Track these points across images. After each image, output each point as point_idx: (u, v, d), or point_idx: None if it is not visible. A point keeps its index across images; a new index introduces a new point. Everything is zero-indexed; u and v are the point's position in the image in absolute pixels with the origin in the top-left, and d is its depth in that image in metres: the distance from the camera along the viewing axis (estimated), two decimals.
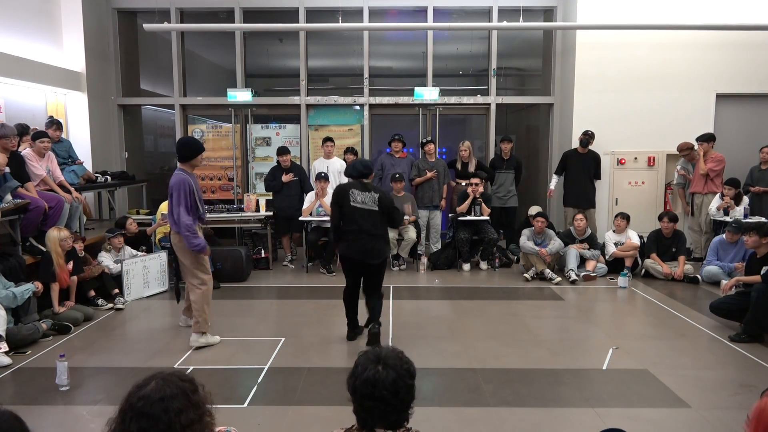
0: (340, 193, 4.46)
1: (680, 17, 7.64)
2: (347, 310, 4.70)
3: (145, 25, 7.75)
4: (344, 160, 7.84)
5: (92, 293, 5.58)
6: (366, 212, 4.38)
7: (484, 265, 7.25)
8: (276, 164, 7.63)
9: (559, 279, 6.55)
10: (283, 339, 4.65)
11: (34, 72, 6.81)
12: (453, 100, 8.66)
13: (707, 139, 7.27)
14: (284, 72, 9.72)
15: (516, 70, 10.19)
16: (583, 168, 7.61)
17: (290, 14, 8.49)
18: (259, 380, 3.86)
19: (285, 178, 7.28)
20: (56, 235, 5.13)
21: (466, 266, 7.17)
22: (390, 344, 4.52)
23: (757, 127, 8.07)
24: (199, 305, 4.47)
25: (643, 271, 6.81)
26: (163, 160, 10.14)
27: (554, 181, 7.86)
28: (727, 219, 6.77)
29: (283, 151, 7.42)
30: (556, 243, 6.73)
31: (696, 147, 7.35)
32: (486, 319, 5.22)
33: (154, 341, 4.67)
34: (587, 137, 7.56)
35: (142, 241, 6.59)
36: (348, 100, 8.73)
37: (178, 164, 4.44)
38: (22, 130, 5.88)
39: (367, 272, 4.54)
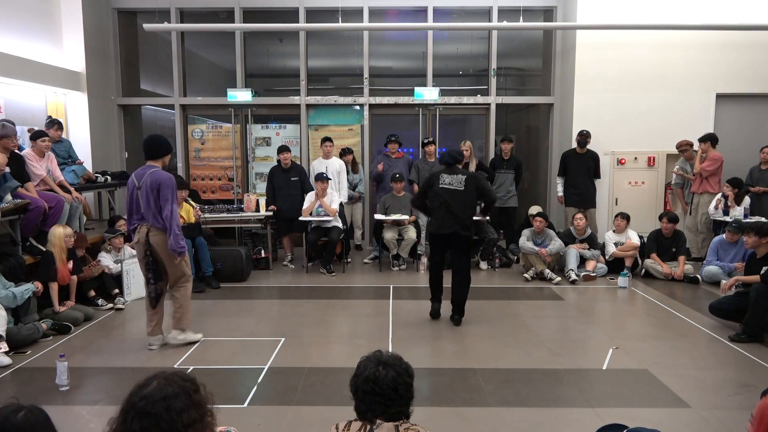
0: (432, 176, 5.13)
1: (680, 17, 7.64)
2: (432, 285, 5.21)
3: (145, 25, 7.75)
4: (343, 160, 7.84)
5: (92, 293, 5.58)
6: (452, 192, 4.98)
7: (484, 265, 7.25)
8: (276, 164, 7.63)
9: (559, 279, 6.55)
10: (283, 339, 4.65)
11: (34, 72, 6.81)
12: (453, 100, 8.67)
13: (705, 139, 7.29)
14: (284, 72, 9.72)
15: (516, 70, 10.20)
16: (582, 168, 7.61)
17: (290, 14, 8.49)
18: (259, 380, 3.86)
19: (270, 209, 7.29)
20: (61, 232, 5.14)
21: None
22: (390, 344, 4.55)
23: (757, 127, 8.07)
24: (187, 300, 4.52)
25: (643, 271, 6.81)
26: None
27: (560, 186, 7.84)
28: (727, 219, 6.78)
29: (283, 149, 7.43)
30: (556, 243, 6.73)
31: (697, 147, 7.36)
32: (486, 319, 5.22)
33: None
34: (584, 137, 7.56)
35: None
36: (348, 100, 8.72)
37: (149, 162, 4.41)
38: None
39: (453, 245, 5.03)
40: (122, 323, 5.21)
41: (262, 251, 7.36)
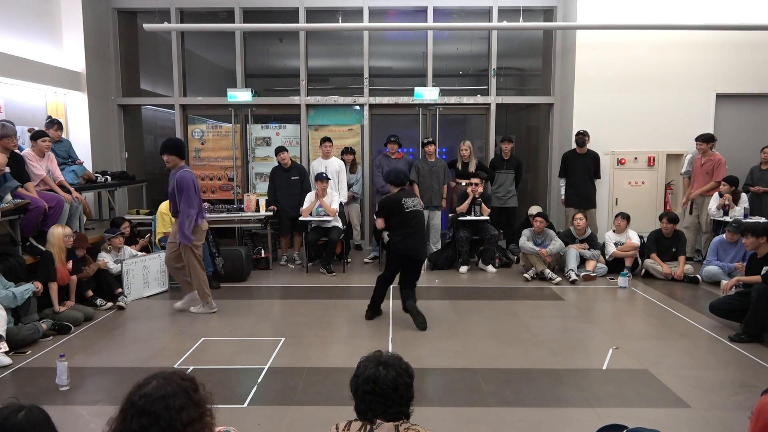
0: (394, 203, 4.96)
1: (680, 17, 7.64)
2: (378, 295, 5.18)
3: (145, 25, 7.75)
4: (342, 160, 7.84)
5: (90, 293, 5.56)
6: (417, 212, 5.03)
7: (490, 268, 7.10)
8: (277, 165, 7.63)
9: (559, 279, 6.54)
10: (283, 339, 4.65)
11: (34, 72, 6.81)
12: (453, 100, 8.66)
13: (705, 139, 7.27)
14: (284, 72, 9.72)
15: (516, 70, 10.20)
16: (583, 168, 7.60)
17: (290, 14, 8.49)
18: (259, 380, 3.86)
19: (270, 208, 7.32)
20: (61, 232, 5.14)
21: (463, 269, 7.08)
22: (390, 344, 4.55)
23: (757, 127, 8.07)
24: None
25: (643, 271, 6.80)
26: (162, 160, 10.10)
27: (563, 188, 7.79)
28: (727, 219, 6.77)
29: (280, 149, 7.44)
30: (556, 244, 6.72)
31: (696, 147, 7.35)
32: (486, 319, 5.22)
33: (154, 341, 4.67)
34: (581, 137, 7.54)
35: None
36: (348, 100, 8.72)
37: (183, 162, 5.33)
38: None
39: (411, 266, 5.09)
40: (122, 323, 5.21)
41: (262, 251, 7.36)
